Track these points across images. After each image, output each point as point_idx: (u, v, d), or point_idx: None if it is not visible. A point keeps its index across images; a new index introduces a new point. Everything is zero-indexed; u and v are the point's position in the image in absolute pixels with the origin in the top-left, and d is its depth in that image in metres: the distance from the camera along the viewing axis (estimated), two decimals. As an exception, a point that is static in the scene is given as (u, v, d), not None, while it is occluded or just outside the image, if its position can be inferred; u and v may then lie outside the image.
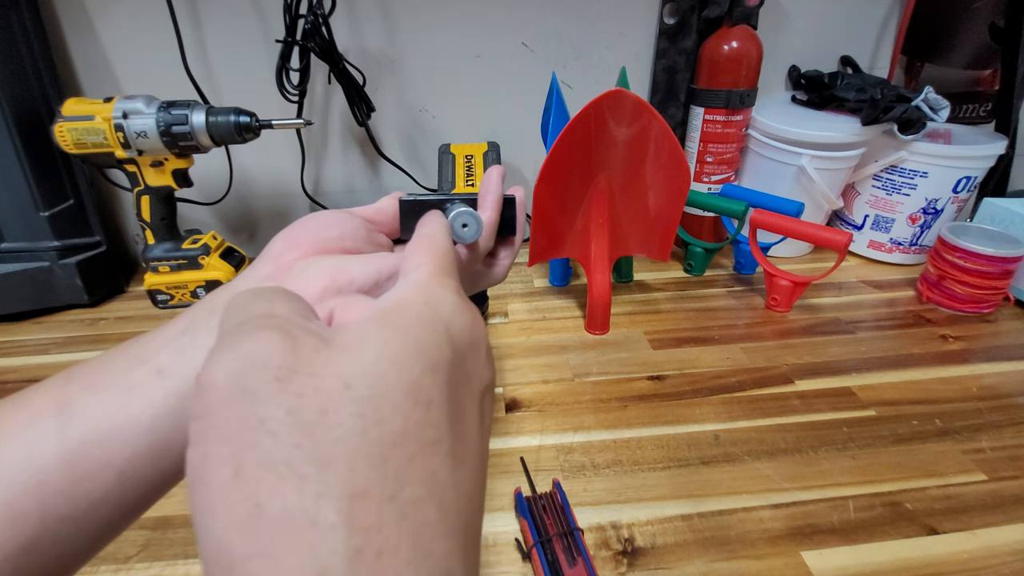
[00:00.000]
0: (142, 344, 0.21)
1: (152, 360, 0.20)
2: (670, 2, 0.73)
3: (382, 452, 0.12)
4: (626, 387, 0.54)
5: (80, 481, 0.17)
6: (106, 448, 0.18)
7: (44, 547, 0.17)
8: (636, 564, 0.37)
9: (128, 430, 0.18)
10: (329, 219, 0.26)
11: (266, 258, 0.24)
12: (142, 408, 0.18)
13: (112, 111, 0.57)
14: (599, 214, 0.60)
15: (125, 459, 0.18)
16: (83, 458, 0.17)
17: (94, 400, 0.18)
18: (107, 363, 0.20)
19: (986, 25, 0.74)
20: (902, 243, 0.77)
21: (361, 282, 0.23)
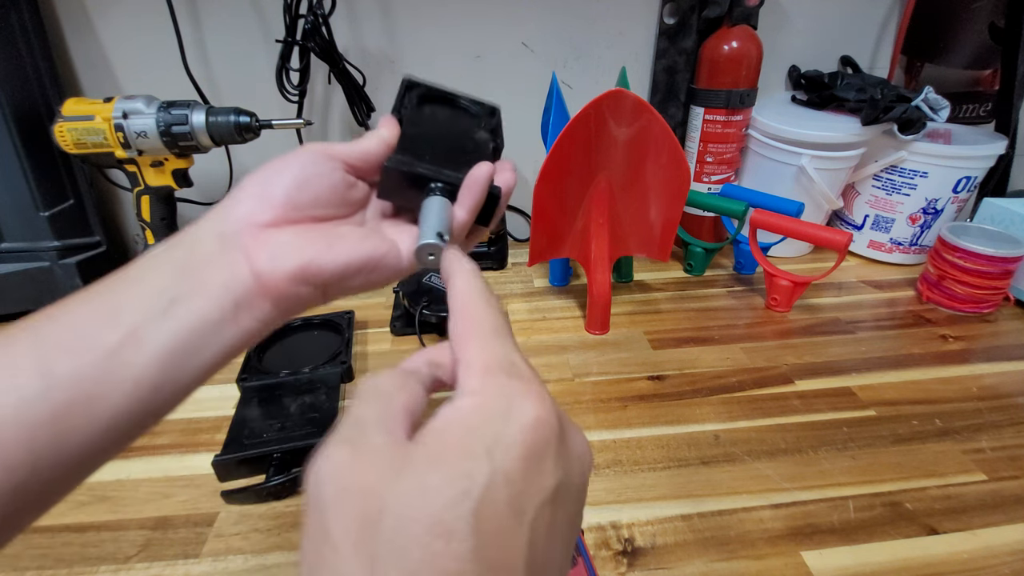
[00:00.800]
0: (113, 294, 0.21)
1: (127, 319, 0.20)
2: (670, 2, 0.73)
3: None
4: (626, 387, 0.54)
5: (68, 434, 0.18)
6: (91, 407, 0.19)
7: (32, 489, 0.18)
8: (636, 564, 0.37)
9: (111, 392, 0.19)
10: (307, 175, 0.25)
11: (235, 217, 0.23)
12: (124, 375, 0.19)
13: (112, 111, 0.57)
14: (599, 214, 0.60)
15: (110, 416, 0.19)
16: (70, 415, 0.18)
17: (75, 365, 0.19)
18: (80, 318, 0.20)
19: (986, 25, 0.74)
20: (902, 243, 0.77)
21: (328, 275, 0.24)
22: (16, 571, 0.37)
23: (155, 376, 0.20)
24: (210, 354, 0.22)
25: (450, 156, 0.29)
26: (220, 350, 0.22)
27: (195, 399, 0.21)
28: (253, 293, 0.22)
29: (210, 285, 0.22)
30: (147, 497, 0.42)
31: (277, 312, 0.24)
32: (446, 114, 0.32)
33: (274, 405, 0.48)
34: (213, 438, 0.48)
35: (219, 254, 0.22)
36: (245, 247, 0.23)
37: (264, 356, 0.55)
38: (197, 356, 0.21)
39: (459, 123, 0.32)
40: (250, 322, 0.23)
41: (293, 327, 0.59)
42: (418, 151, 0.28)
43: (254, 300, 0.23)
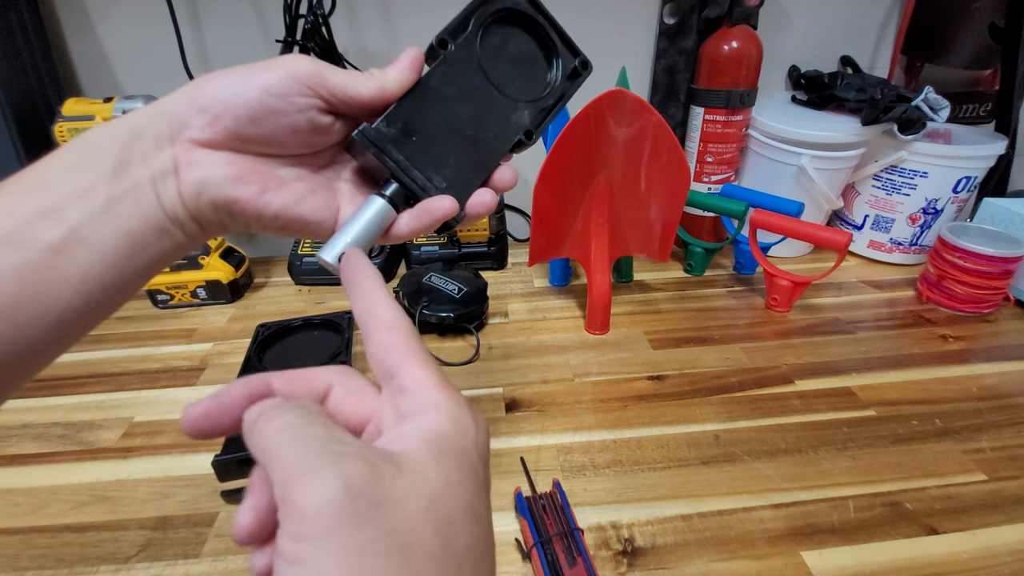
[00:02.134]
0: (51, 184, 0.20)
1: (68, 216, 0.20)
2: (670, 2, 0.73)
3: (458, 563, 0.15)
4: (626, 387, 0.54)
5: (18, 327, 0.19)
6: (39, 301, 0.19)
7: None
8: (636, 564, 0.37)
9: (59, 287, 0.19)
10: (268, 108, 0.22)
11: (176, 123, 0.22)
12: (70, 271, 0.20)
13: (112, 111, 0.57)
14: (599, 214, 0.60)
15: (60, 311, 0.20)
16: (18, 309, 0.19)
17: (21, 259, 0.19)
18: (21, 209, 0.19)
19: (986, 25, 0.74)
20: (902, 243, 0.77)
21: (252, 218, 0.23)
22: (16, 571, 0.37)
23: (101, 273, 0.20)
24: (148, 257, 0.22)
25: (443, 149, 0.25)
26: (158, 257, 0.23)
27: (195, 399, 0.21)
28: (180, 214, 0.23)
29: (144, 199, 0.22)
30: (147, 497, 0.42)
31: (204, 232, 0.24)
32: (502, 65, 0.27)
33: (274, 405, 0.48)
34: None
35: (153, 159, 0.22)
36: (177, 163, 0.22)
37: (264, 356, 0.55)
38: (138, 258, 0.22)
39: (503, 91, 0.26)
40: (180, 235, 0.23)
41: (293, 327, 0.59)
42: (409, 127, 0.25)
43: (182, 220, 0.23)
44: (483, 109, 0.26)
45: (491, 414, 0.50)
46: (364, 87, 0.23)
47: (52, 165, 0.21)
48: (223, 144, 0.23)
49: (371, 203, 0.24)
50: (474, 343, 0.60)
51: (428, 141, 0.25)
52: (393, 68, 0.24)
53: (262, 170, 0.24)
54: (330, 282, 0.73)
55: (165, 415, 0.50)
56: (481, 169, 0.27)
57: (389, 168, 0.24)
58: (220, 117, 0.22)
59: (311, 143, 0.25)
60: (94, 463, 0.46)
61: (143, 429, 0.49)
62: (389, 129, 0.24)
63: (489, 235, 0.76)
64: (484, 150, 0.26)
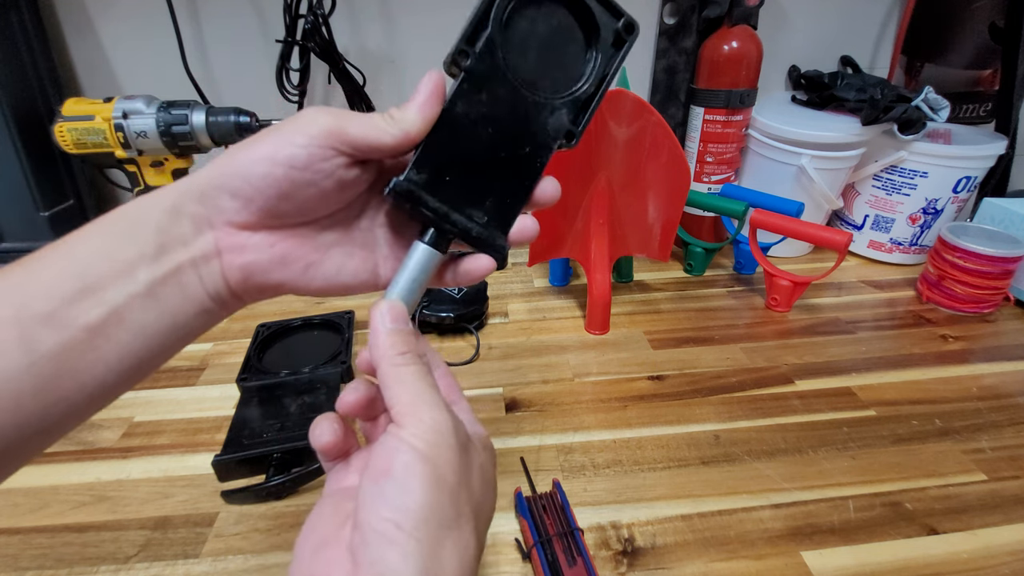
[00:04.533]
0: (89, 263, 0.20)
1: (108, 297, 0.20)
2: (670, 2, 0.73)
3: (479, 515, 0.22)
4: (626, 387, 0.54)
5: (53, 404, 0.19)
6: (76, 379, 0.19)
7: (17, 448, 0.19)
8: (636, 564, 0.37)
9: (96, 365, 0.20)
10: (295, 182, 0.22)
11: (211, 205, 0.22)
12: (108, 350, 0.20)
13: (112, 111, 0.57)
14: (599, 214, 0.60)
15: (96, 386, 0.20)
16: (55, 388, 0.19)
17: (59, 340, 0.19)
18: (60, 289, 0.19)
19: (986, 25, 0.74)
20: (902, 243, 0.77)
21: (299, 293, 0.25)
22: (16, 571, 0.37)
23: (139, 351, 0.21)
24: (185, 332, 0.23)
25: (480, 181, 0.24)
26: (196, 330, 0.23)
27: (195, 399, 0.21)
28: (224, 295, 0.23)
29: (186, 283, 0.22)
30: (147, 497, 0.42)
31: (242, 305, 0.25)
32: (531, 58, 0.24)
33: (274, 405, 0.48)
34: (213, 438, 0.48)
35: (193, 242, 0.22)
36: (219, 248, 0.22)
37: (264, 356, 0.55)
38: (175, 334, 0.22)
39: (536, 93, 0.24)
40: (219, 312, 0.24)
41: (293, 327, 0.59)
42: (440, 167, 0.23)
43: (225, 300, 0.23)
44: (517, 123, 0.24)
45: (491, 414, 0.50)
46: (386, 134, 0.22)
47: (88, 242, 0.21)
48: (260, 224, 0.23)
49: (415, 251, 0.24)
50: (474, 343, 0.60)
51: (462, 177, 0.24)
52: (413, 105, 0.23)
53: (303, 243, 0.24)
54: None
55: (165, 415, 0.50)
56: (522, 192, 0.25)
57: (426, 219, 0.23)
58: (252, 200, 0.22)
59: (341, 199, 0.24)
60: (94, 463, 0.46)
61: (143, 429, 0.49)
62: (420, 175, 0.23)
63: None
64: (523, 169, 0.25)
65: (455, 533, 0.19)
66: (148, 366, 0.22)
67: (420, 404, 0.20)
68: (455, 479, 0.20)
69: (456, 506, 0.20)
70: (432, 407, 0.20)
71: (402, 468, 0.19)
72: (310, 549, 0.20)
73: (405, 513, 0.18)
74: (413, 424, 0.20)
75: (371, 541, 0.18)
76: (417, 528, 0.18)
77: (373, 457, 0.20)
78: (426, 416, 0.20)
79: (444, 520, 0.19)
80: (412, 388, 0.21)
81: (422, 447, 0.19)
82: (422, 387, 0.21)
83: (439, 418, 0.20)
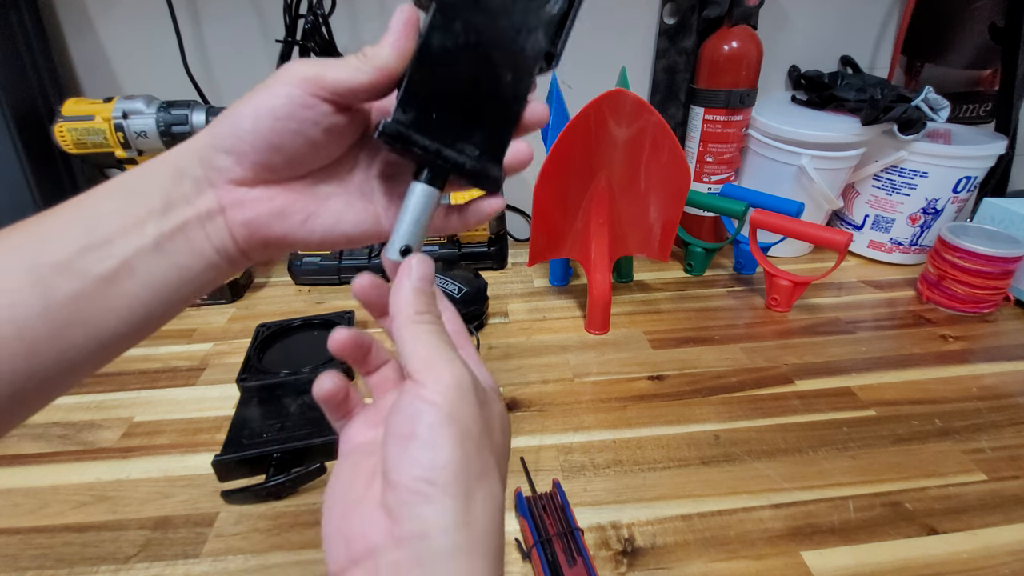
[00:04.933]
0: (101, 217, 0.21)
1: (118, 250, 0.21)
2: (670, 2, 0.73)
3: (499, 463, 0.22)
4: (626, 387, 0.54)
5: (65, 350, 0.20)
6: (88, 327, 0.20)
7: (31, 391, 0.20)
8: (636, 564, 0.37)
9: (107, 315, 0.21)
10: (282, 133, 0.22)
11: (210, 165, 0.22)
12: (118, 301, 0.21)
13: (112, 111, 0.57)
14: (599, 214, 0.60)
15: (107, 335, 0.21)
16: (67, 334, 0.20)
17: (73, 288, 0.20)
18: (72, 241, 0.20)
19: (986, 25, 0.74)
20: (902, 243, 0.77)
21: (301, 246, 0.25)
22: (16, 571, 0.37)
23: (149, 302, 0.22)
24: (193, 287, 0.23)
25: (467, 113, 0.24)
26: (204, 285, 0.24)
27: (195, 399, 0.22)
28: (231, 250, 0.24)
29: (193, 237, 0.22)
30: (147, 497, 0.42)
31: (249, 261, 0.25)
32: None
33: (274, 405, 0.48)
34: (213, 438, 0.48)
35: (196, 200, 0.23)
36: (221, 204, 0.23)
37: (264, 356, 0.55)
38: (184, 288, 0.23)
39: (510, 16, 0.24)
40: (226, 266, 0.24)
41: (293, 327, 0.59)
42: (426, 103, 0.23)
43: (231, 255, 0.24)
44: (495, 50, 0.24)
45: (491, 414, 0.50)
46: (361, 73, 0.22)
47: (98, 201, 0.22)
48: (257, 179, 0.23)
49: (413, 191, 0.24)
50: (474, 343, 0.60)
51: (449, 112, 0.24)
52: (385, 41, 0.23)
53: (300, 196, 0.24)
54: (329, 282, 0.73)
55: (165, 415, 0.50)
56: (510, 119, 0.25)
57: (419, 158, 0.23)
58: (244, 155, 0.22)
59: (332, 149, 0.24)
60: (94, 463, 0.46)
61: (143, 429, 0.49)
62: (407, 115, 0.23)
63: (489, 235, 0.76)
64: (507, 97, 0.24)
65: (484, 483, 0.20)
66: (157, 319, 0.23)
67: (438, 361, 0.20)
68: (479, 432, 0.20)
69: (481, 457, 0.20)
70: (450, 363, 0.20)
71: (427, 429, 0.19)
72: (340, 512, 0.21)
73: (436, 471, 0.19)
74: (433, 382, 0.20)
75: (406, 499, 0.18)
76: (449, 484, 0.18)
77: (395, 417, 0.20)
78: (445, 373, 0.20)
79: (473, 472, 0.19)
80: (429, 345, 0.21)
81: (445, 406, 0.19)
82: (439, 343, 0.21)
83: (459, 374, 0.20)
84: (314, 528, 0.40)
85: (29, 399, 0.20)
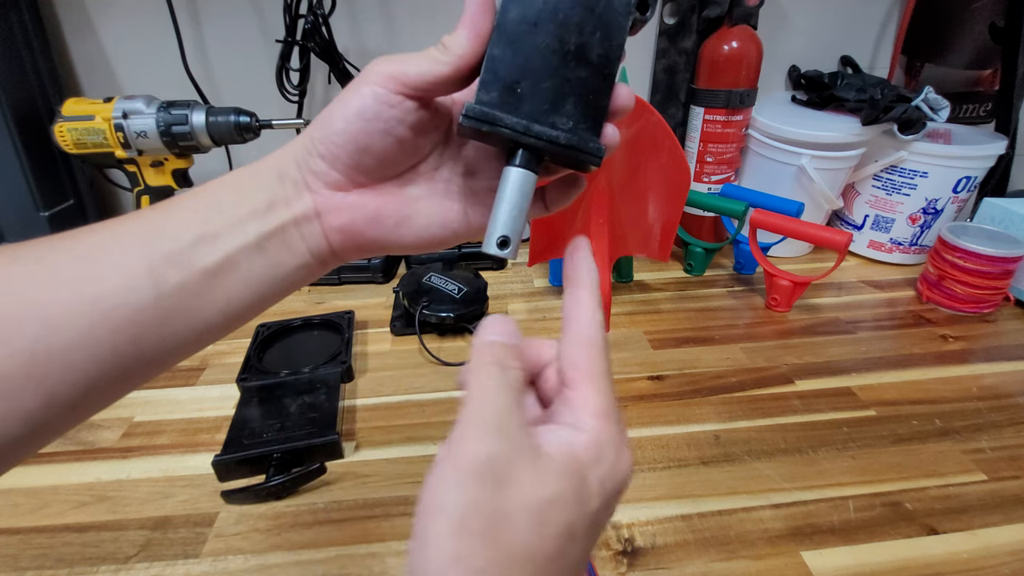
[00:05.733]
0: (211, 213, 0.22)
1: (223, 245, 0.22)
2: (670, 2, 0.73)
3: (534, 565, 0.16)
4: (626, 387, 0.54)
5: (168, 336, 0.21)
6: (190, 316, 0.22)
7: (136, 370, 0.21)
8: (636, 564, 0.37)
9: (208, 306, 0.22)
10: (370, 134, 0.22)
11: (308, 169, 0.23)
12: (219, 294, 0.22)
13: (112, 111, 0.57)
14: (599, 214, 0.60)
15: (204, 326, 0.22)
16: (172, 321, 0.21)
17: (182, 278, 0.21)
18: (184, 233, 0.22)
19: (986, 25, 0.74)
20: (902, 243, 0.77)
21: (394, 249, 0.26)
22: (16, 571, 0.37)
23: (245, 297, 0.23)
24: (286, 285, 0.24)
25: (555, 83, 0.22)
26: (297, 283, 0.25)
27: (195, 399, 0.22)
28: (325, 253, 0.25)
29: (289, 240, 0.24)
30: (147, 497, 0.42)
31: (340, 262, 0.26)
32: None
33: (274, 405, 0.48)
34: (213, 438, 0.48)
35: (295, 203, 0.24)
36: (318, 209, 0.24)
37: (264, 356, 0.55)
38: (277, 286, 0.24)
39: None
40: (318, 268, 0.25)
41: (293, 327, 0.59)
42: (509, 80, 0.22)
43: (325, 257, 0.25)
44: (577, 10, 0.22)
45: (491, 414, 0.50)
46: (441, 64, 0.22)
47: (213, 196, 0.23)
48: (351, 182, 0.24)
49: (507, 177, 0.22)
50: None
51: (535, 84, 0.22)
52: (462, 26, 0.22)
53: (391, 200, 0.25)
54: (329, 282, 0.73)
55: (165, 415, 0.50)
56: (605, 84, 0.23)
57: (509, 137, 0.22)
58: (337, 158, 0.23)
59: (419, 148, 0.24)
60: (94, 463, 0.46)
61: (143, 429, 0.49)
62: (490, 94, 0.21)
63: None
64: (597, 59, 0.22)
65: None
66: (248, 313, 0.24)
67: (477, 423, 0.18)
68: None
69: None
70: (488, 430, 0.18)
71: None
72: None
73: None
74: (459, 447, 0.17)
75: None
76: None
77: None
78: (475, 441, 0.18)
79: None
80: (485, 398, 0.19)
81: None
82: (495, 401, 0.19)
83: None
84: (314, 528, 0.40)
85: (131, 379, 0.22)
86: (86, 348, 0.20)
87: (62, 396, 0.19)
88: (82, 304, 0.20)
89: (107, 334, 0.20)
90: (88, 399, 0.20)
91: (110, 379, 0.20)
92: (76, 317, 0.19)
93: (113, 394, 0.22)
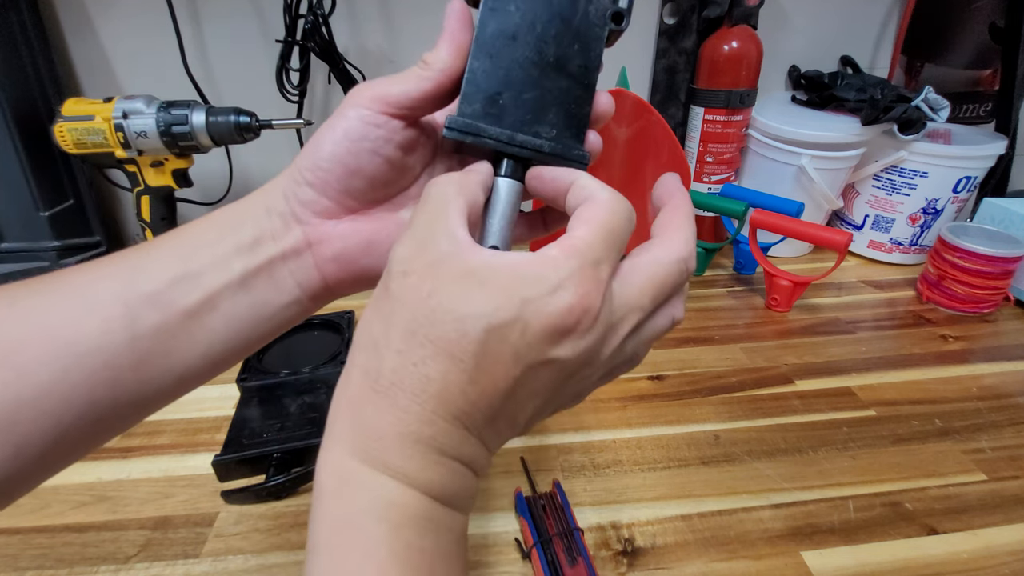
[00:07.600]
0: (193, 250, 0.22)
1: (206, 283, 0.21)
2: (670, 2, 0.73)
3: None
4: (626, 387, 0.54)
5: (145, 381, 0.21)
6: (169, 359, 0.21)
7: (110, 419, 0.21)
8: (636, 564, 0.37)
9: (188, 348, 0.21)
10: (359, 155, 0.22)
11: (296, 200, 0.23)
12: (200, 335, 0.22)
13: (112, 111, 0.57)
14: (599, 214, 0.60)
15: (184, 368, 0.22)
16: (149, 365, 0.21)
17: (159, 320, 0.21)
18: (163, 272, 0.21)
19: (986, 25, 0.74)
20: (902, 243, 0.77)
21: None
22: (16, 571, 0.37)
23: (228, 339, 0.22)
24: (273, 325, 0.24)
25: (536, 93, 0.22)
26: (285, 322, 0.24)
27: (195, 399, 0.22)
28: (316, 287, 0.24)
29: (277, 276, 0.23)
30: (147, 497, 0.42)
31: (333, 296, 0.26)
32: None
33: (274, 405, 0.48)
34: (213, 438, 0.48)
35: (283, 237, 0.23)
36: (309, 240, 0.23)
37: (264, 356, 0.55)
38: (263, 326, 0.23)
39: None
40: (309, 304, 0.25)
41: (293, 327, 0.59)
42: (490, 92, 0.22)
43: (316, 292, 0.24)
44: (556, 22, 0.22)
45: (491, 414, 0.50)
46: (424, 80, 0.22)
47: (196, 232, 0.23)
48: (342, 207, 0.23)
49: (494, 190, 0.23)
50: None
51: (517, 94, 0.22)
52: (441, 41, 0.22)
53: (385, 225, 0.24)
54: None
55: (165, 415, 0.50)
56: (585, 92, 0.23)
57: (493, 148, 0.22)
58: (328, 184, 0.23)
59: (408, 168, 0.24)
60: (94, 463, 0.46)
61: (143, 429, 0.49)
62: (472, 106, 0.22)
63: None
64: (578, 69, 0.23)
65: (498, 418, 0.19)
66: (233, 355, 0.23)
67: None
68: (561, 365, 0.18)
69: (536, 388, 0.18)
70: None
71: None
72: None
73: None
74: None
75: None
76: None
77: None
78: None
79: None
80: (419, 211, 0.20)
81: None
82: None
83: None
84: (314, 528, 0.40)
85: (106, 427, 0.21)
86: (59, 394, 0.19)
87: (32, 446, 0.19)
88: (56, 348, 0.19)
89: (82, 379, 0.19)
90: (59, 448, 0.20)
91: (84, 427, 0.20)
92: (49, 362, 0.19)
93: (86, 444, 0.21)
